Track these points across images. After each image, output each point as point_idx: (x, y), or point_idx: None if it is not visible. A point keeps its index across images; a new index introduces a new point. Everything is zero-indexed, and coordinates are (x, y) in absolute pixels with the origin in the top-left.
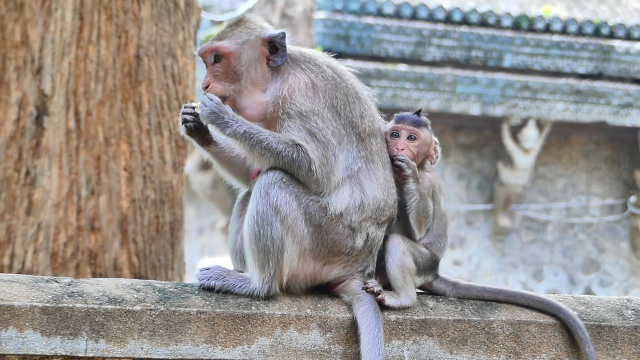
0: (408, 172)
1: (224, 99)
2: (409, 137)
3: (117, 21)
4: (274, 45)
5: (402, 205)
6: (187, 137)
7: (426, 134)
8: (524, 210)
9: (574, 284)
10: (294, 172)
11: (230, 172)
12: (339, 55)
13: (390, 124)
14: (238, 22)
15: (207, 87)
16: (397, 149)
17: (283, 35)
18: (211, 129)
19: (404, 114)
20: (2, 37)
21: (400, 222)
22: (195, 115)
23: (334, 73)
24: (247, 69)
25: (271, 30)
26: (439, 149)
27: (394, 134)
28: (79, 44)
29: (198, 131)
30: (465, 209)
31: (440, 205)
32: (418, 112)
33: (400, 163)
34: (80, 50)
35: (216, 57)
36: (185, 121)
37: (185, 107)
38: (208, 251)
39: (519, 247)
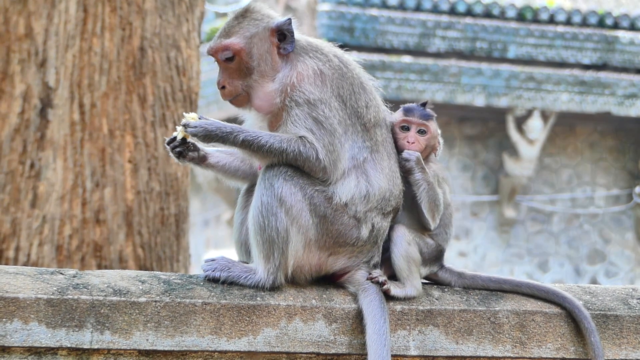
0: (411, 164)
1: (238, 95)
2: (419, 131)
3: (121, 13)
4: (282, 33)
5: (407, 196)
6: (183, 163)
7: (434, 126)
8: (529, 201)
9: (580, 275)
10: (302, 164)
11: (234, 177)
12: (344, 47)
13: (398, 116)
14: (244, 14)
15: (223, 87)
16: (408, 142)
17: (290, 22)
18: (212, 145)
19: (412, 105)
20: (6, 29)
21: (406, 213)
22: (181, 142)
23: (341, 62)
24: (258, 62)
25: (278, 19)
26: (441, 140)
27: (404, 127)
28: (83, 36)
29: (189, 152)
30: (470, 200)
31: (445, 196)
32: (424, 104)
33: (405, 162)
34: (84, 42)
35: (228, 56)
36: (177, 152)
37: (168, 141)
38: (214, 244)
39: (524, 238)
